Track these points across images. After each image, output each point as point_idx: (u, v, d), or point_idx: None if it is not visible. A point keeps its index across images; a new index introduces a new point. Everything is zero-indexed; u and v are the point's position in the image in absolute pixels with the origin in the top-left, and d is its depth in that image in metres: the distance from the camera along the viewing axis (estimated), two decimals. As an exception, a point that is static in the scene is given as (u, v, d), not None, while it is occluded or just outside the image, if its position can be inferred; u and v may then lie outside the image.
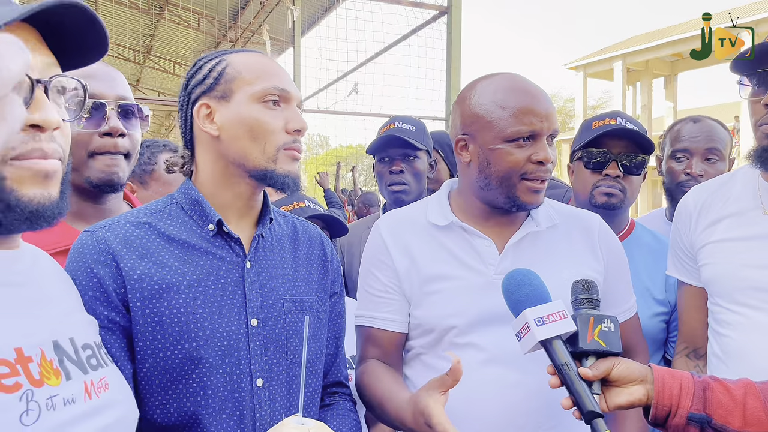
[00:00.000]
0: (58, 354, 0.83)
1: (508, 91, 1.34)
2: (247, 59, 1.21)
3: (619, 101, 22.64)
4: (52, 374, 0.79)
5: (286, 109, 1.19)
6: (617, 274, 1.48)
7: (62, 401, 0.79)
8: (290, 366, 1.21)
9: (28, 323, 0.80)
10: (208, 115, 1.19)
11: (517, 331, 1.14)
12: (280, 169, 1.18)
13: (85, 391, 0.84)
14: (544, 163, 1.32)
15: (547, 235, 1.42)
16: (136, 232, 1.16)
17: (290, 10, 10.78)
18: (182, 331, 1.11)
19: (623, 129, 1.83)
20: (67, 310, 0.93)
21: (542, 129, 1.32)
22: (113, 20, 15.62)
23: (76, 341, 0.88)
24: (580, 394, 1.08)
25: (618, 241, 1.53)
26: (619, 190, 1.84)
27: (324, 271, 1.35)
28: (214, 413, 1.12)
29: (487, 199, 1.39)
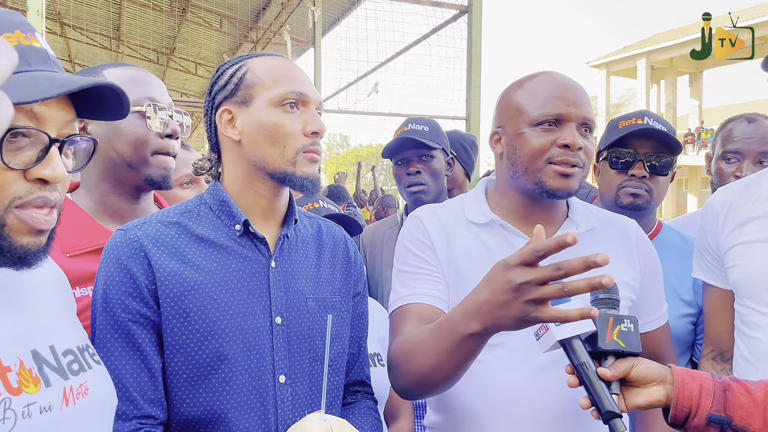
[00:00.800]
0: (38, 362, 0.85)
1: (541, 82, 1.36)
2: (267, 64, 1.24)
3: (642, 99, 22.35)
4: (31, 382, 0.82)
5: (305, 112, 1.22)
6: (652, 281, 1.45)
7: (39, 409, 0.81)
8: (313, 364, 1.24)
9: (7, 334, 0.82)
10: (230, 120, 1.22)
11: (536, 330, 1.14)
12: (300, 171, 1.20)
13: (63, 397, 0.86)
14: (571, 147, 1.29)
15: (586, 239, 1.37)
16: (166, 231, 1.20)
17: (311, 10, 10.84)
18: (209, 327, 1.15)
19: (650, 129, 1.81)
20: (50, 318, 0.94)
21: (569, 113, 1.30)
22: (137, 22, 15.85)
23: (56, 348, 0.90)
24: (599, 394, 1.08)
25: (653, 248, 1.49)
26: (645, 190, 1.82)
27: (347, 271, 1.37)
28: (239, 408, 1.15)
29: (520, 189, 1.37)
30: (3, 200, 0.78)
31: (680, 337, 1.76)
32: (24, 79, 0.79)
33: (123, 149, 1.43)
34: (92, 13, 14.82)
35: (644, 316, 1.41)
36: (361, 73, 11.12)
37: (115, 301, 1.14)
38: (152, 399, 1.14)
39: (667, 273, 1.74)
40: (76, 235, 1.37)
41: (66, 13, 14.66)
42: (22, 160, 0.80)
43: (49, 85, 0.80)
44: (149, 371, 1.14)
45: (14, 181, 0.79)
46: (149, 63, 18.25)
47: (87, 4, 14.54)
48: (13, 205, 0.79)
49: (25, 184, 0.81)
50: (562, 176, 1.31)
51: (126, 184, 1.46)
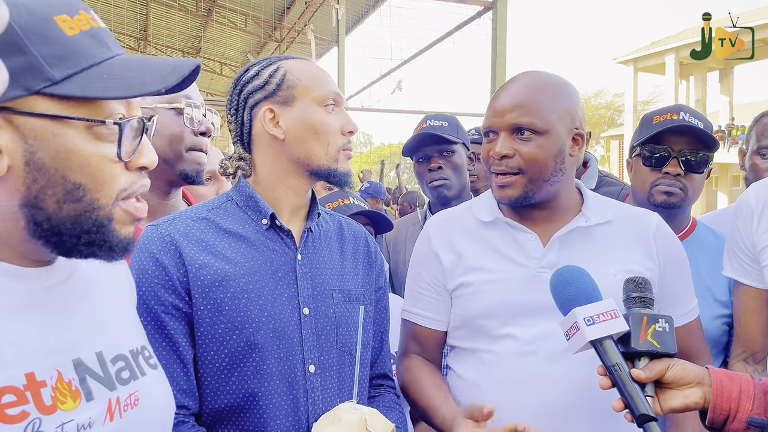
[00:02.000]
0: (80, 373, 0.79)
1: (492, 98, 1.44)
2: (302, 66, 1.29)
3: (671, 96, 21.98)
4: (69, 397, 0.75)
5: (339, 113, 1.29)
6: (676, 275, 1.42)
7: (75, 427, 0.75)
8: (340, 355, 1.27)
9: (46, 342, 0.76)
10: (273, 118, 1.25)
11: (566, 330, 1.11)
12: (341, 167, 1.27)
13: (108, 410, 0.80)
14: (495, 156, 1.35)
15: (598, 231, 1.39)
16: (196, 226, 1.24)
17: (334, 9, 10.87)
18: (240, 317, 1.17)
19: (686, 125, 1.75)
20: (102, 319, 0.88)
21: (494, 124, 1.36)
22: (164, 23, 16.08)
23: (105, 354, 0.84)
24: (632, 397, 1.04)
25: (678, 241, 1.47)
26: (679, 188, 1.75)
27: (369, 266, 1.40)
28: (270, 397, 1.18)
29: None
30: (111, 194, 0.77)
31: (714, 338, 1.70)
32: (123, 68, 0.76)
33: (159, 145, 1.45)
34: (119, 15, 15.07)
35: (670, 311, 1.37)
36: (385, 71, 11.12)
37: (148, 294, 1.16)
38: (185, 390, 1.16)
39: (702, 273, 1.69)
40: None
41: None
42: (127, 150, 0.78)
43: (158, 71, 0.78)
44: (182, 362, 1.16)
45: (120, 173, 0.78)
46: (175, 63, 18.49)
47: (114, 5, 14.79)
48: (120, 197, 0.78)
49: (129, 175, 0.79)
50: (499, 187, 1.36)
51: (159, 180, 1.49)
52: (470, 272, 1.40)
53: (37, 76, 0.70)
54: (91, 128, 0.74)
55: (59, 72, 0.71)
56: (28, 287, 0.77)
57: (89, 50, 0.74)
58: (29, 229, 0.74)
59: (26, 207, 0.73)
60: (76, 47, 0.73)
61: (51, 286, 0.80)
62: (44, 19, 0.71)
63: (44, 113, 0.71)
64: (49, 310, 0.79)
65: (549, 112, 1.32)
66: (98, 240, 0.77)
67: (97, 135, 0.75)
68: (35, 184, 0.72)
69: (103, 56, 0.75)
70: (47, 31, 0.71)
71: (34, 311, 0.77)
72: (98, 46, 0.76)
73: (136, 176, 0.81)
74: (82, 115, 0.73)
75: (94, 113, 0.74)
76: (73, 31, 0.73)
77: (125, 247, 0.80)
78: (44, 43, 0.71)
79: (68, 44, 0.72)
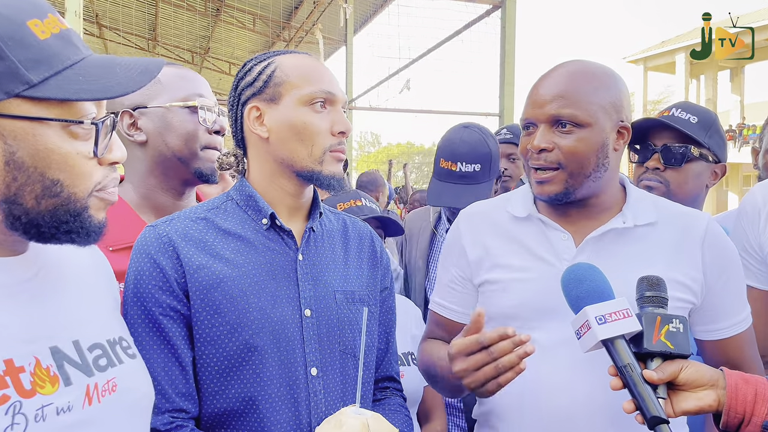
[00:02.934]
0: (57, 360, 0.82)
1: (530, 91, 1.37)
2: (295, 62, 1.24)
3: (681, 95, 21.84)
4: (48, 382, 0.78)
5: (332, 112, 1.22)
6: (726, 282, 1.30)
7: (55, 410, 0.78)
8: (343, 357, 1.23)
9: (23, 330, 0.79)
10: (258, 117, 1.22)
11: (577, 328, 1.09)
12: (326, 170, 1.21)
13: (86, 395, 0.83)
14: (533, 149, 1.28)
15: (638, 234, 1.30)
16: (194, 226, 1.21)
17: (343, 8, 10.86)
18: (238, 319, 1.15)
19: (660, 121, 1.77)
20: (78, 309, 0.91)
21: (535, 116, 1.29)
22: (172, 23, 16.13)
23: (81, 343, 0.87)
24: (644, 398, 1.02)
25: (731, 246, 1.34)
26: (659, 182, 1.75)
27: (374, 266, 1.37)
28: (270, 400, 1.15)
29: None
30: (88, 188, 0.81)
31: None
32: (96, 69, 0.80)
33: (174, 143, 1.46)
34: (128, 15, 15.15)
35: (717, 321, 1.30)
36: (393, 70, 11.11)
37: (146, 295, 1.14)
38: (184, 392, 1.14)
39: None
40: (121, 229, 1.40)
41: (103, 14, 15.00)
42: (100, 147, 0.82)
43: (129, 73, 0.82)
44: (180, 365, 1.14)
45: (95, 169, 0.82)
46: (184, 63, 18.58)
47: (123, 5, 14.86)
48: (95, 190, 0.83)
49: (102, 169, 0.84)
50: (538, 183, 1.29)
51: (174, 179, 1.49)
52: (496, 269, 1.35)
53: (16, 79, 0.73)
54: (67, 128, 0.78)
55: (36, 75, 0.74)
56: (5, 278, 0.80)
57: (62, 52, 0.78)
58: (7, 223, 0.78)
59: (5, 203, 0.77)
60: (50, 50, 0.76)
61: (28, 277, 0.84)
62: (18, 24, 0.74)
63: (24, 115, 0.74)
64: (26, 300, 0.82)
65: (592, 104, 1.24)
66: (75, 227, 0.81)
67: (73, 134, 0.79)
68: (15, 182, 0.76)
69: (75, 57, 0.79)
70: (22, 36, 0.74)
71: (10, 301, 0.80)
72: (69, 48, 0.79)
73: (108, 170, 0.85)
74: (59, 116, 0.77)
75: (70, 113, 0.78)
76: (45, 34, 0.77)
77: (99, 230, 0.85)
78: (20, 47, 0.74)
79: (42, 48, 0.76)
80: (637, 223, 1.30)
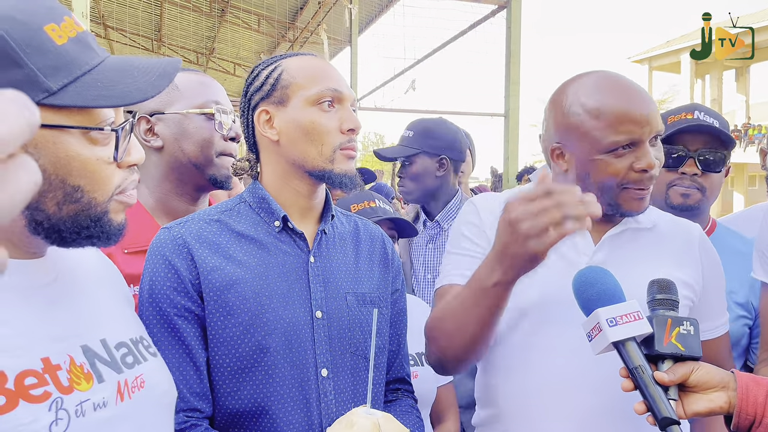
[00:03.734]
0: (89, 357, 0.83)
1: (601, 96, 1.25)
2: (301, 63, 1.25)
3: (686, 95, 21.76)
4: (83, 379, 0.80)
5: (341, 110, 1.23)
6: (714, 287, 1.39)
7: (92, 406, 0.79)
8: (354, 358, 1.24)
9: (55, 330, 0.80)
10: (268, 120, 1.24)
11: (588, 331, 1.09)
12: (338, 168, 1.22)
13: (117, 392, 0.84)
14: (648, 170, 1.24)
15: (648, 235, 1.35)
16: (208, 228, 1.22)
17: (348, 8, 10.87)
18: (251, 320, 1.16)
19: (702, 124, 1.71)
20: (101, 311, 0.92)
21: (642, 134, 1.23)
22: (177, 24, 16.17)
23: (108, 342, 0.88)
24: (655, 400, 1.02)
25: (717, 255, 1.42)
26: (696, 189, 1.73)
27: (385, 268, 1.37)
28: (282, 401, 1.16)
29: None
30: (108, 192, 0.82)
31: (735, 341, 1.67)
32: (114, 74, 0.79)
33: (190, 149, 1.47)
34: (134, 16, 15.19)
35: (707, 321, 1.35)
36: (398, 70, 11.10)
37: (161, 296, 1.16)
38: (198, 392, 1.15)
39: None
40: (136, 232, 1.40)
41: (109, 15, 15.04)
42: (120, 151, 0.82)
43: (148, 77, 0.82)
44: (195, 365, 1.15)
45: (115, 172, 0.82)
46: (189, 64, 18.61)
47: (129, 6, 14.90)
48: (115, 193, 0.83)
49: (121, 172, 0.84)
50: (638, 200, 1.28)
51: (189, 185, 1.51)
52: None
53: (36, 88, 0.72)
54: (87, 134, 0.78)
55: (55, 82, 0.73)
56: (28, 280, 0.81)
57: (79, 57, 0.77)
58: (30, 228, 0.79)
59: (27, 209, 0.76)
60: (68, 56, 0.75)
61: (49, 280, 0.84)
62: (36, 30, 0.73)
63: (44, 123, 0.73)
64: (51, 302, 0.82)
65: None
66: (96, 232, 0.82)
67: (92, 140, 0.79)
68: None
69: (92, 62, 0.78)
70: (40, 43, 0.73)
71: (36, 302, 0.80)
72: (86, 52, 0.78)
73: (127, 173, 0.85)
74: (79, 123, 0.77)
75: (89, 119, 0.78)
76: (62, 39, 0.76)
77: (119, 232, 0.86)
78: (39, 54, 0.72)
79: (60, 54, 0.75)
80: (646, 225, 1.35)
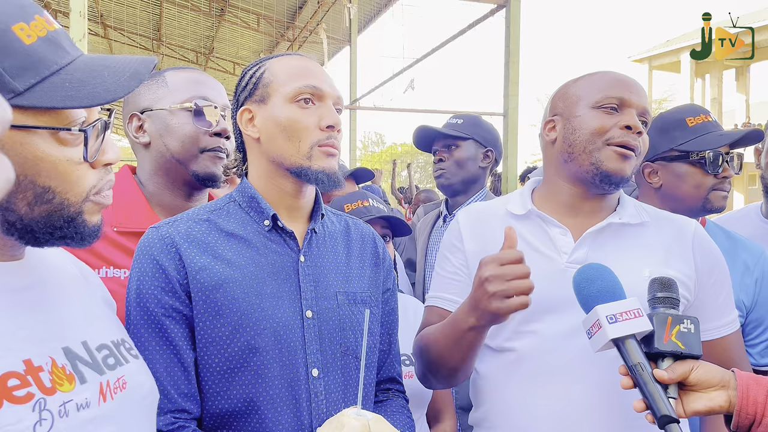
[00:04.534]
0: (70, 359, 0.83)
1: (603, 74, 1.38)
2: (284, 62, 1.26)
3: (686, 94, 21.76)
4: (65, 380, 0.80)
5: (321, 107, 1.22)
6: (716, 284, 1.36)
7: (75, 406, 0.79)
8: (344, 358, 1.24)
9: (35, 332, 0.80)
10: (251, 119, 1.25)
11: (588, 328, 1.08)
12: (315, 165, 1.21)
13: (100, 393, 0.84)
14: (633, 129, 1.28)
15: (633, 231, 1.35)
16: (197, 227, 1.22)
17: (347, 8, 10.86)
18: (240, 320, 1.15)
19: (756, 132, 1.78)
20: (80, 313, 0.92)
21: (631, 99, 1.31)
22: (177, 23, 16.17)
23: (89, 344, 0.88)
24: (654, 398, 1.01)
25: (718, 249, 1.41)
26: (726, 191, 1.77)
27: (376, 267, 1.37)
28: (272, 401, 1.15)
29: (571, 174, 1.35)
30: (81, 193, 0.80)
31: None
32: (83, 74, 0.78)
33: (172, 145, 1.47)
34: (133, 15, 15.19)
35: (708, 321, 1.32)
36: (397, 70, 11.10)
37: (149, 296, 1.15)
38: (186, 393, 1.14)
39: None
40: (129, 213, 1.45)
41: (108, 14, 15.03)
42: (91, 151, 0.81)
43: (118, 77, 0.80)
44: (182, 365, 1.14)
45: (87, 173, 0.81)
46: (188, 64, 18.60)
47: (128, 5, 14.89)
48: (90, 194, 0.82)
49: (95, 172, 0.83)
50: (620, 157, 1.29)
51: (177, 181, 1.51)
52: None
53: (2, 88, 0.70)
54: (56, 135, 0.76)
55: (22, 83, 0.72)
56: (7, 282, 0.80)
57: (48, 57, 0.76)
58: (3, 229, 0.78)
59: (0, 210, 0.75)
60: (36, 56, 0.74)
61: (29, 283, 0.84)
62: (3, 30, 0.72)
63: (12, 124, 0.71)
64: (31, 304, 0.82)
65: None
66: (70, 233, 0.81)
67: (61, 140, 0.77)
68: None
69: (62, 62, 0.77)
70: (7, 42, 0.72)
71: (16, 305, 0.80)
72: (56, 51, 0.77)
73: (102, 172, 0.84)
74: (47, 124, 0.75)
75: (58, 120, 0.76)
76: (31, 39, 0.74)
77: (94, 233, 0.85)
78: (5, 54, 0.71)
79: (28, 54, 0.73)
80: (632, 221, 1.34)
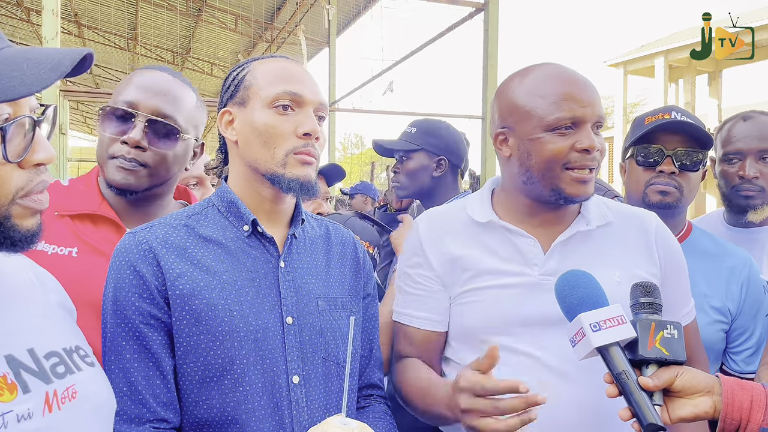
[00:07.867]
0: (13, 367, 0.80)
1: (547, 79, 1.29)
2: (267, 65, 1.23)
3: (660, 98, 22.11)
4: (6, 389, 0.77)
5: (299, 113, 1.19)
6: (675, 276, 1.38)
7: (15, 417, 0.76)
8: (326, 364, 1.22)
9: None
10: (230, 122, 1.23)
11: (572, 336, 1.07)
12: (289, 173, 1.18)
13: (45, 402, 0.81)
14: (590, 151, 1.24)
15: (599, 235, 1.34)
16: (174, 233, 1.19)
17: (326, 9, 10.81)
18: (220, 327, 1.13)
19: (679, 122, 1.72)
20: (30, 319, 0.89)
21: (585, 115, 1.25)
22: (153, 23, 15.95)
23: (36, 351, 0.85)
24: (640, 405, 1.01)
25: (676, 241, 1.44)
26: (674, 187, 1.72)
27: (356, 272, 1.36)
28: (252, 409, 1.13)
29: (533, 194, 1.32)
30: (7, 195, 0.76)
31: (710, 345, 1.66)
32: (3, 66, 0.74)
33: (98, 152, 1.44)
34: (108, 14, 14.94)
35: (667, 312, 1.32)
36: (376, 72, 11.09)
37: (126, 303, 1.12)
38: (165, 402, 1.12)
39: (697, 278, 1.64)
40: (72, 200, 1.42)
41: (82, 13, 14.78)
42: (16, 150, 0.76)
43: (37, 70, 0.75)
44: (161, 373, 1.12)
45: (13, 173, 0.77)
46: (165, 64, 18.33)
47: (102, 4, 14.67)
48: (17, 196, 0.78)
49: (23, 173, 0.78)
50: (581, 182, 1.27)
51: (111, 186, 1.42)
52: (467, 281, 1.33)
53: None
54: None
55: None
56: None
57: None
58: None
59: None
60: None
61: None
62: None
63: None
64: None
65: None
66: None
67: None
68: None
69: None
70: None
71: None
72: None
73: (33, 173, 0.79)
74: None
75: None
76: None
77: (29, 238, 0.81)
78: None
79: None
80: (598, 224, 1.34)
